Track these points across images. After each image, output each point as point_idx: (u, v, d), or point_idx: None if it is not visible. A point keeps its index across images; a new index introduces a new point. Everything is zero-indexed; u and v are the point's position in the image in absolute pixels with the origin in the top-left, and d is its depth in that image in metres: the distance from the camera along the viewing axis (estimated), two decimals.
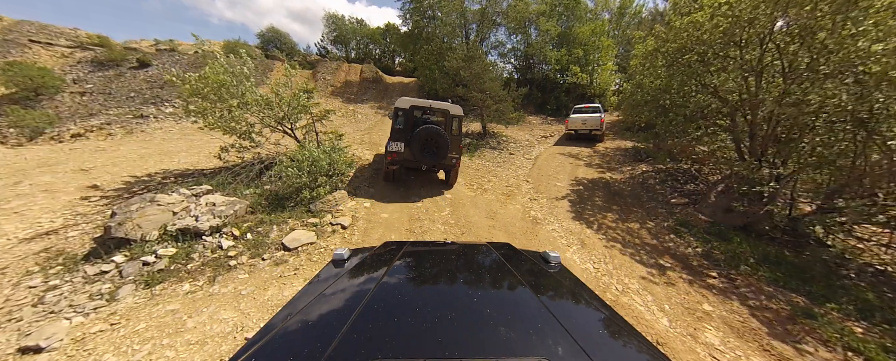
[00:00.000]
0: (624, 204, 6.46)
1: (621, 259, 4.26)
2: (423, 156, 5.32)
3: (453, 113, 5.89)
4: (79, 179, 6.08)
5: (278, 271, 3.46)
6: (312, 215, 4.74)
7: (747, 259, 4.18)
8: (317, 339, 0.73)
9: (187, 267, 3.38)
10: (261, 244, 3.93)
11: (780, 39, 5.15)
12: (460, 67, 10.67)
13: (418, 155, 5.29)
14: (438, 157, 5.38)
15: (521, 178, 8.00)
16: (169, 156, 8.13)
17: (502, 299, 1.04)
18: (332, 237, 4.28)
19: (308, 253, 3.83)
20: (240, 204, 4.43)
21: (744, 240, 4.60)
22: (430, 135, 5.26)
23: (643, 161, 8.97)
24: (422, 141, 5.25)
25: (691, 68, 6.20)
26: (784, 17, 5.23)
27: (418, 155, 5.29)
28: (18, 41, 13.39)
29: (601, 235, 4.99)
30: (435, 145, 5.32)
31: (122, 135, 10.49)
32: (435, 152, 5.35)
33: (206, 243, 3.72)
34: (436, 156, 5.37)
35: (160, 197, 3.99)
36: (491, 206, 6.00)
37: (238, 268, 3.47)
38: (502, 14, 16.91)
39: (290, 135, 6.89)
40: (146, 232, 3.59)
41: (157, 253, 3.46)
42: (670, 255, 4.43)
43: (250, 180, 5.67)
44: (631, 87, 7.94)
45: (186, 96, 5.60)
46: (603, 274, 3.88)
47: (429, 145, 5.31)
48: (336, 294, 1.00)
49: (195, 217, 3.86)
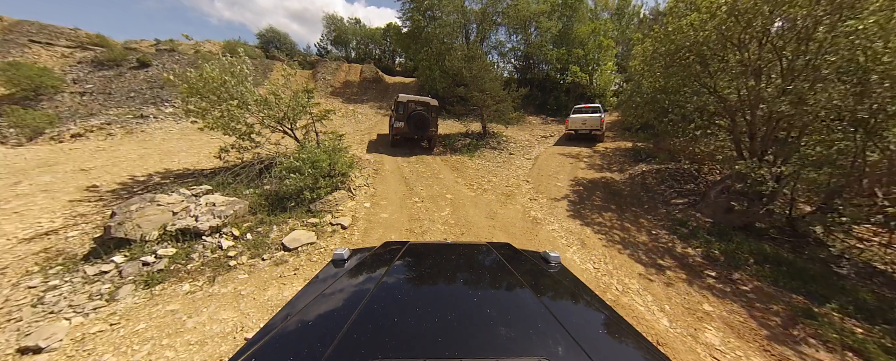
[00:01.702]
0: (624, 204, 6.46)
1: (621, 259, 4.27)
2: (415, 131, 8.62)
3: (432, 104, 9.14)
4: (78, 179, 6.08)
5: (278, 271, 3.46)
6: (313, 215, 4.74)
7: (747, 259, 4.18)
8: (317, 339, 0.73)
9: (187, 268, 3.38)
10: (261, 244, 3.92)
11: (777, 39, 5.15)
12: (461, 67, 10.68)
13: (412, 129, 8.57)
14: (424, 131, 8.76)
15: (521, 178, 8.00)
16: (169, 156, 8.13)
17: (502, 299, 1.04)
18: (332, 237, 4.28)
19: (308, 254, 3.82)
20: (239, 204, 4.42)
21: (744, 240, 4.59)
22: (419, 117, 8.57)
23: (643, 161, 8.97)
24: (414, 121, 8.52)
25: (690, 69, 6.21)
26: (781, 18, 5.24)
27: (412, 129, 8.57)
28: (18, 41, 13.40)
29: (601, 235, 4.99)
30: (422, 123, 8.60)
31: (122, 135, 10.50)
32: (422, 128, 8.65)
33: (205, 243, 3.72)
34: (423, 131, 8.72)
35: (160, 197, 3.98)
36: (491, 206, 6.00)
37: (238, 268, 3.47)
38: (502, 14, 16.89)
39: (290, 136, 6.89)
40: (146, 233, 3.59)
41: (156, 253, 3.46)
42: (670, 255, 4.43)
43: (250, 180, 5.67)
44: (630, 88, 7.93)
45: (185, 96, 5.60)
46: (603, 274, 3.88)
47: (418, 124, 8.57)
48: (336, 294, 1.00)
49: (195, 217, 3.86)
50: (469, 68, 10.57)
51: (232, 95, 5.60)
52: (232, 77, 5.51)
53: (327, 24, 25.79)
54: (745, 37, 5.53)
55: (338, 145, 6.43)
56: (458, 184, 7.13)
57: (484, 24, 17.54)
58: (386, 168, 7.84)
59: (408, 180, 7.10)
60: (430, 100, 9.11)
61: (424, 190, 6.55)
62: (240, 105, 5.75)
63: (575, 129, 11.45)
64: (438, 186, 6.89)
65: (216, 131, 5.73)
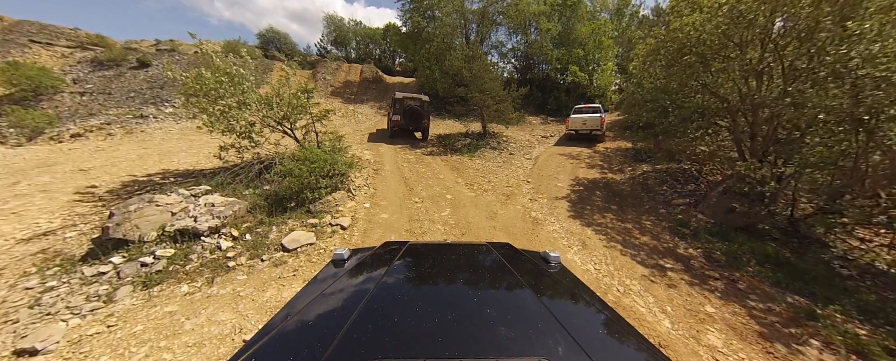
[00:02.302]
0: (625, 205, 6.44)
1: (622, 260, 4.25)
2: (409, 123, 10.14)
3: (424, 100, 10.59)
4: (77, 179, 6.06)
5: (277, 272, 3.44)
6: (312, 216, 4.72)
7: (749, 259, 4.16)
8: (316, 339, 0.73)
9: (185, 269, 3.36)
10: (260, 245, 3.90)
11: (779, 39, 5.13)
12: (462, 67, 10.68)
13: (407, 121, 10.08)
14: (418, 123, 10.31)
15: (521, 179, 7.98)
16: (168, 156, 8.11)
17: (502, 299, 1.04)
18: (332, 238, 4.26)
19: (307, 254, 3.80)
20: (239, 204, 4.40)
21: (745, 241, 4.58)
22: (413, 111, 10.09)
23: (643, 161, 8.96)
24: (409, 114, 10.03)
25: (692, 68, 6.19)
26: (783, 19, 5.22)
27: (407, 121, 10.08)
28: (18, 41, 13.40)
29: (602, 236, 4.97)
30: (416, 116, 10.14)
31: (122, 135, 10.49)
32: (416, 120, 10.19)
33: (204, 244, 3.70)
34: (417, 122, 10.27)
35: (159, 197, 3.96)
36: (491, 207, 5.98)
37: (237, 270, 3.44)
38: (503, 14, 16.88)
39: (290, 136, 6.87)
40: (144, 233, 3.57)
41: (155, 254, 3.44)
42: (672, 256, 4.41)
43: (250, 181, 5.65)
44: (632, 87, 7.92)
45: (186, 94, 5.58)
46: (604, 275, 3.86)
47: (412, 116, 10.08)
48: (336, 294, 1.00)
49: (194, 217, 3.84)
50: (469, 68, 10.56)
51: (232, 94, 5.58)
52: (229, 77, 5.48)
53: (327, 24, 25.83)
54: (747, 36, 5.51)
55: (338, 145, 6.42)
56: (458, 185, 7.11)
57: (484, 25, 17.53)
58: (386, 168, 7.83)
59: (408, 180, 7.08)
60: (423, 97, 10.67)
61: (424, 191, 6.53)
62: (239, 104, 5.73)
63: (575, 129, 11.45)
64: (439, 186, 6.87)
65: (216, 130, 5.71)
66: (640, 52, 7.51)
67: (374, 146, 9.90)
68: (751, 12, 5.04)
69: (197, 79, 5.15)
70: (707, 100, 6.55)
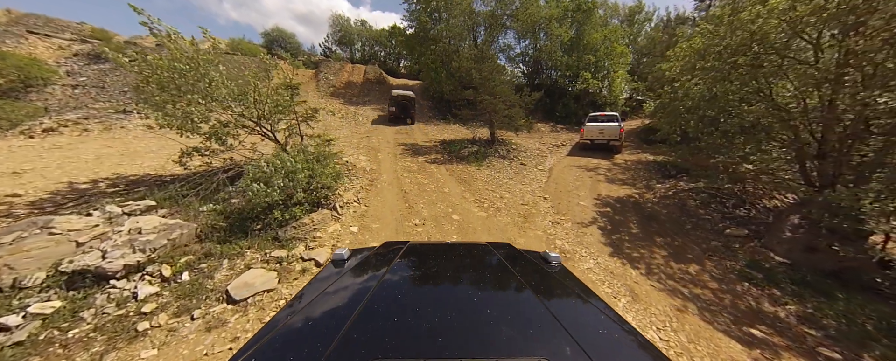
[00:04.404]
0: (664, 233, 5.34)
1: (693, 322, 3.13)
2: (400, 112, 13.17)
3: (411, 96, 13.43)
4: (3, 185, 4.98)
5: (207, 342, 2.33)
6: (280, 245, 3.63)
7: (869, 326, 3.05)
8: (317, 339, 0.73)
9: (67, 336, 2.25)
10: (196, 291, 2.80)
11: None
12: (471, 68, 9.78)
13: (399, 111, 13.13)
14: (408, 112, 13.30)
15: (537, 194, 6.91)
16: (132, 157, 7.06)
17: (502, 299, 1.05)
18: (300, 279, 3.15)
19: (260, 308, 2.70)
20: (181, 229, 3.31)
21: (850, 296, 3.46)
22: (404, 104, 13.24)
23: (672, 177, 7.92)
24: (401, 106, 13.16)
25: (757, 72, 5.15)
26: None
27: (399, 111, 13.13)
28: (16, 32, 12.64)
29: (654, 281, 3.86)
30: (406, 107, 13.26)
31: (99, 132, 9.58)
32: (406, 110, 13.28)
33: (112, 292, 2.60)
34: (407, 112, 13.30)
35: (60, 220, 2.87)
36: (507, 231, 4.90)
37: (147, 337, 2.33)
38: (512, 17, 16.12)
39: (270, 139, 5.83)
40: (24, 276, 2.48)
41: (28, 310, 2.34)
42: (761, 319, 3.28)
43: (211, 193, 4.57)
44: (670, 92, 6.86)
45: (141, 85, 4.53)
46: (676, 348, 2.74)
47: (403, 107, 13.22)
48: (336, 293, 1.00)
49: (102, 252, 2.74)
50: (479, 69, 9.65)
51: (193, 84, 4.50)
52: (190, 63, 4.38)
53: (333, 23, 25.30)
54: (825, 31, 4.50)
55: (325, 151, 5.35)
56: (466, 201, 6.03)
57: (493, 27, 16.74)
58: (383, 178, 6.76)
59: (407, 195, 6.01)
60: (411, 94, 13.60)
61: (426, 209, 5.45)
62: (205, 98, 4.67)
63: (591, 139, 10.55)
64: (443, 203, 5.79)
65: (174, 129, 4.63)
66: (681, 51, 6.46)
67: (372, 151, 8.87)
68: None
69: (143, 65, 4.09)
70: (764, 110, 5.51)
